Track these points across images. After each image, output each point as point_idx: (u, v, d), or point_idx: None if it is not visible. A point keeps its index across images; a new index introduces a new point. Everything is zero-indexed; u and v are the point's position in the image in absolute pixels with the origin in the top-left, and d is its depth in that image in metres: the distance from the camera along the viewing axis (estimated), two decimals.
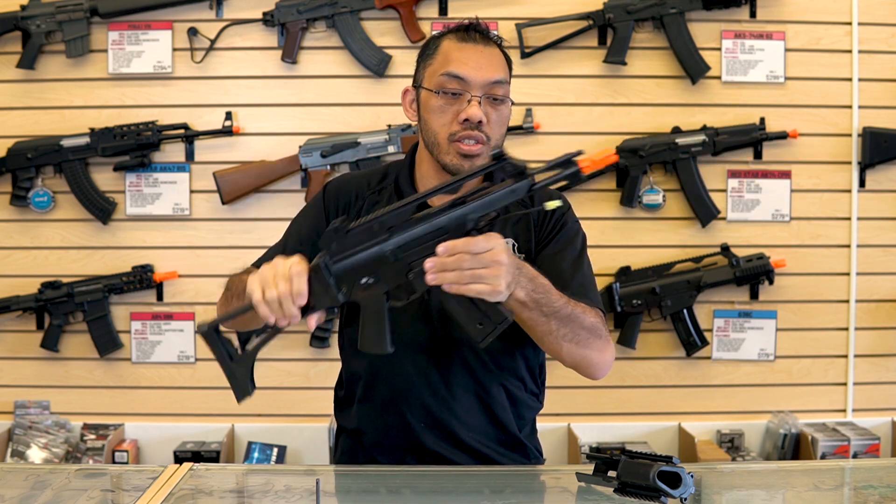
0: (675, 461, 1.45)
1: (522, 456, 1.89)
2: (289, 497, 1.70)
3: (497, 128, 1.81)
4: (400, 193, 1.86)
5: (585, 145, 3.25)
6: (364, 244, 1.56)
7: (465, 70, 1.78)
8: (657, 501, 1.45)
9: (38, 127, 3.23)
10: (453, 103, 1.78)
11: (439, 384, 1.82)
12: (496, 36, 1.86)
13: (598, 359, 1.78)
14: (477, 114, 1.76)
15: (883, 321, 3.33)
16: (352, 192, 1.90)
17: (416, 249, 1.54)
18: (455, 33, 1.83)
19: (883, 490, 1.68)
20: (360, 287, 1.57)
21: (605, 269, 3.26)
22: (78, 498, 1.68)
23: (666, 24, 3.20)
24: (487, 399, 1.84)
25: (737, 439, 3.24)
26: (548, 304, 1.67)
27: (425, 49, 1.86)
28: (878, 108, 3.27)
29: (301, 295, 1.56)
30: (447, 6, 3.22)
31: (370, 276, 1.56)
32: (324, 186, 1.95)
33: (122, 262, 3.25)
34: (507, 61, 1.86)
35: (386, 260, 1.55)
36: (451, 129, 1.78)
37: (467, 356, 1.82)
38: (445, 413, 1.82)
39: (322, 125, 3.24)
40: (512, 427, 1.87)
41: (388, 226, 1.55)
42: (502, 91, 1.81)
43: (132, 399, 3.28)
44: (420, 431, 1.82)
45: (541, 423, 1.99)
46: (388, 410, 1.84)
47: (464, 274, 1.51)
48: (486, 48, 1.82)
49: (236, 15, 3.23)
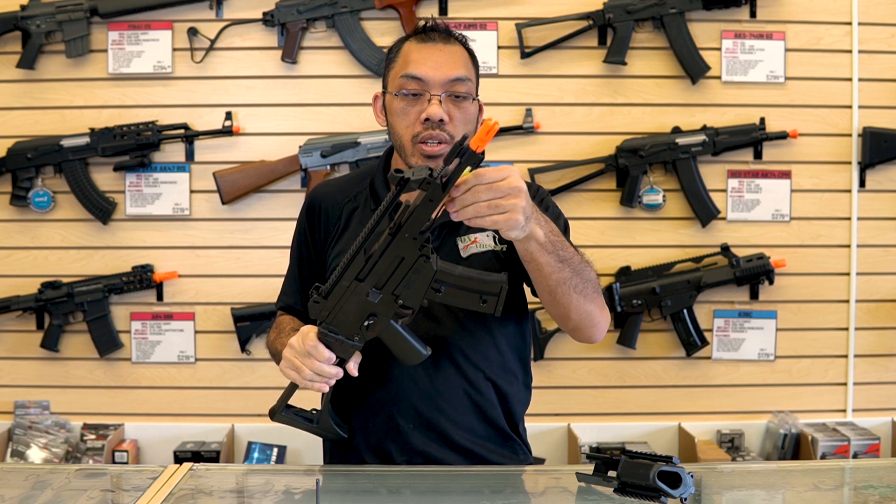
0: (675, 461, 1.46)
1: (512, 452, 1.89)
2: (289, 497, 1.70)
3: (462, 126, 1.80)
4: (375, 196, 1.87)
5: (585, 145, 3.27)
6: (345, 298, 1.66)
7: (422, 70, 1.78)
8: (657, 501, 1.45)
9: (38, 127, 3.23)
10: (414, 104, 1.78)
11: (427, 384, 1.82)
12: (459, 34, 1.85)
13: (600, 317, 1.79)
14: (437, 112, 1.76)
15: (883, 321, 3.33)
16: (329, 205, 1.91)
17: (390, 280, 1.63)
18: (416, 35, 1.83)
19: (883, 490, 1.68)
20: (367, 329, 1.67)
21: (605, 269, 3.26)
22: (78, 498, 1.68)
23: (666, 24, 3.20)
24: (477, 396, 1.84)
25: (737, 439, 3.24)
26: (563, 248, 1.68)
27: (389, 53, 1.87)
28: (878, 108, 3.27)
29: (328, 358, 1.67)
30: (447, 6, 3.22)
31: (369, 318, 1.66)
32: (304, 204, 1.96)
33: (122, 262, 3.25)
34: (472, 59, 1.85)
35: (370, 302, 1.65)
36: (414, 131, 1.78)
37: (454, 354, 1.82)
38: (434, 413, 1.82)
39: (322, 125, 3.24)
40: (501, 423, 1.87)
41: (353, 276, 1.64)
42: (464, 88, 1.79)
43: (132, 399, 3.28)
44: (409, 432, 1.82)
45: (541, 423, 1.99)
46: (377, 412, 1.84)
47: (480, 206, 1.53)
48: (447, 46, 1.81)
49: (236, 15, 3.23)
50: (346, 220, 1.88)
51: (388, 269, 1.62)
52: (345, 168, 3.18)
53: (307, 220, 1.93)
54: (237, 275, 3.27)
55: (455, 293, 1.65)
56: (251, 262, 3.26)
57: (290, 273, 1.98)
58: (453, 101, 1.79)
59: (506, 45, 3.24)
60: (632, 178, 3.22)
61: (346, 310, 1.65)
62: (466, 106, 1.80)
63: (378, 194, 1.87)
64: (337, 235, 1.89)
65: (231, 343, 3.25)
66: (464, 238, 1.82)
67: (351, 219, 1.88)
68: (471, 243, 1.82)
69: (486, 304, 1.65)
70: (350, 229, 1.87)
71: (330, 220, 1.90)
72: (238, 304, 3.25)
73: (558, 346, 3.26)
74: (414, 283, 1.63)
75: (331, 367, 1.67)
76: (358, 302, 1.64)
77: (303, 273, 1.94)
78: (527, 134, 3.23)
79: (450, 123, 1.77)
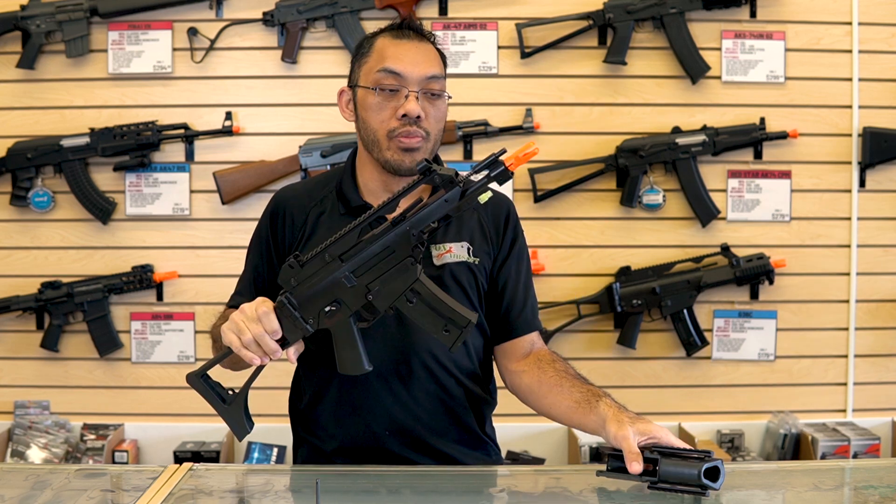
0: (711, 454, 1.51)
1: (485, 453, 1.91)
2: (289, 497, 1.70)
3: (435, 123, 1.81)
4: (344, 199, 1.86)
5: (585, 145, 3.26)
6: (319, 275, 1.62)
7: (401, 66, 1.78)
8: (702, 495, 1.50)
9: (38, 127, 3.23)
10: (391, 100, 1.79)
11: (401, 390, 1.82)
12: (429, 33, 1.86)
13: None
14: (415, 109, 1.76)
15: (883, 321, 3.33)
16: (294, 209, 1.90)
17: (370, 271, 1.61)
18: (389, 31, 1.84)
19: (883, 490, 1.68)
20: (326, 315, 1.63)
21: (605, 269, 3.26)
22: (78, 498, 1.68)
23: (666, 24, 3.20)
24: (450, 402, 1.85)
25: (737, 439, 3.24)
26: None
27: (359, 48, 1.87)
28: (878, 108, 3.27)
29: (275, 331, 1.61)
30: (447, 6, 3.22)
31: (332, 304, 1.62)
32: (268, 208, 1.94)
33: (122, 262, 3.25)
34: (441, 58, 1.86)
35: (343, 286, 1.61)
36: (390, 126, 1.78)
37: (427, 361, 1.82)
38: (409, 419, 1.83)
39: (322, 125, 3.24)
40: (474, 426, 1.89)
41: (337, 253, 1.61)
42: (439, 86, 1.81)
43: (132, 399, 3.28)
44: (384, 438, 1.83)
45: (541, 424, 2.00)
46: (352, 419, 1.84)
47: None
48: (421, 44, 1.82)
49: (236, 15, 3.23)
50: (313, 225, 1.87)
51: (373, 257, 1.60)
52: None
53: (270, 225, 1.91)
54: (237, 275, 3.25)
55: (424, 311, 1.62)
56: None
57: (245, 275, 1.96)
58: (428, 99, 1.80)
59: (506, 45, 3.24)
60: (632, 178, 3.22)
61: (315, 286, 1.61)
62: (440, 104, 1.82)
63: (346, 197, 1.86)
64: (303, 240, 1.87)
65: None
66: (438, 246, 1.83)
67: (317, 224, 1.87)
68: (445, 252, 1.83)
69: (447, 335, 1.63)
70: (317, 234, 1.86)
71: (295, 225, 1.88)
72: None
73: (558, 347, 3.26)
74: (391, 283, 1.61)
75: (273, 341, 1.60)
76: (330, 282, 1.61)
77: (258, 276, 1.92)
78: (527, 134, 3.23)
79: (425, 120, 1.78)
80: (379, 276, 1.60)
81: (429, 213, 1.57)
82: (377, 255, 1.60)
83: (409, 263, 1.60)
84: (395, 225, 1.59)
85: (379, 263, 1.60)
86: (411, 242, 1.59)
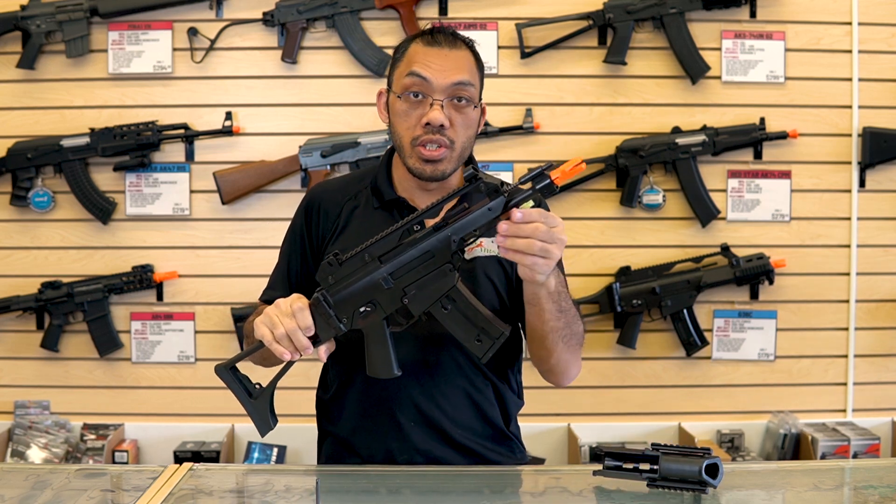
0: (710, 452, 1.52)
1: (509, 450, 1.91)
2: (289, 497, 1.70)
3: (462, 131, 1.79)
4: (378, 195, 1.87)
5: (585, 145, 3.26)
6: (358, 274, 1.63)
7: (427, 72, 1.77)
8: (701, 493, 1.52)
9: (38, 127, 3.23)
10: (416, 107, 1.78)
11: (429, 382, 1.82)
12: (468, 39, 1.85)
13: (574, 369, 1.85)
14: (438, 117, 1.75)
15: (883, 321, 3.33)
16: (329, 203, 1.91)
17: (408, 274, 1.62)
18: (422, 37, 1.83)
19: (883, 490, 1.68)
20: (360, 316, 1.64)
21: (605, 269, 3.26)
22: (78, 498, 1.68)
23: (666, 24, 3.20)
24: (477, 396, 1.85)
25: (737, 439, 3.24)
26: (566, 300, 1.73)
27: (395, 53, 1.87)
28: (878, 108, 3.27)
29: (308, 328, 1.63)
30: (447, 6, 3.22)
31: (368, 305, 1.64)
32: (303, 203, 1.95)
33: (122, 262, 3.25)
34: (477, 63, 1.84)
35: (380, 287, 1.62)
36: (414, 133, 1.78)
37: (456, 355, 1.83)
38: (435, 411, 1.83)
39: (322, 125, 3.24)
40: (499, 422, 1.89)
41: (377, 254, 1.62)
42: (467, 93, 1.79)
43: (132, 399, 3.28)
44: (410, 430, 1.83)
45: (541, 423, 2.00)
46: (379, 410, 1.84)
47: (534, 243, 1.55)
48: (452, 51, 1.80)
49: (236, 15, 3.23)
50: (347, 218, 1.88)
51: (413, 261, 1.61)
52: (345, 168, 3.18)
53: (305, 218, 1.93)
54: (237, 275, 3.27)
55: (458, 319, 1.63)
56: (251, 263, 3.26)
57: (279, 269, 1.96)
58: (455, 106, 1.78)
59: (506, 45, 3.24)
60: (632, 178, 3.22)
61: (352, 286, 1.63)
62: (468, 111, 1.80)
63: (381, 192, 1.87)
64: (336, 233, 1.88)
65: (231, 343, 3.25)
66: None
67: (351, 217, 1.88)
68: (476, 246, 1.82)
69: (479, 344, 1.65)
70: (350, 227, 1.87)
71: (329, 218, 1.90)
72: (238, 304, 3.25)
73: None
74: (427, 288, 1.62)
75: (305, 338, 1.62)
76: (368, 282, 1.62)
77: (291, 269, 1.93)
78: (527, 134, 3.23)
79: (451, 128, 1.77)
80: (416, 280, 1.61)
81: (471, 220, 1.58)
82: (416, 259, 1.61)
83: (448, 270, 1.61)
84: (437, 230, 1.60)
85: (418, 267, 1.61)
86: (451, 248, 1.59)
